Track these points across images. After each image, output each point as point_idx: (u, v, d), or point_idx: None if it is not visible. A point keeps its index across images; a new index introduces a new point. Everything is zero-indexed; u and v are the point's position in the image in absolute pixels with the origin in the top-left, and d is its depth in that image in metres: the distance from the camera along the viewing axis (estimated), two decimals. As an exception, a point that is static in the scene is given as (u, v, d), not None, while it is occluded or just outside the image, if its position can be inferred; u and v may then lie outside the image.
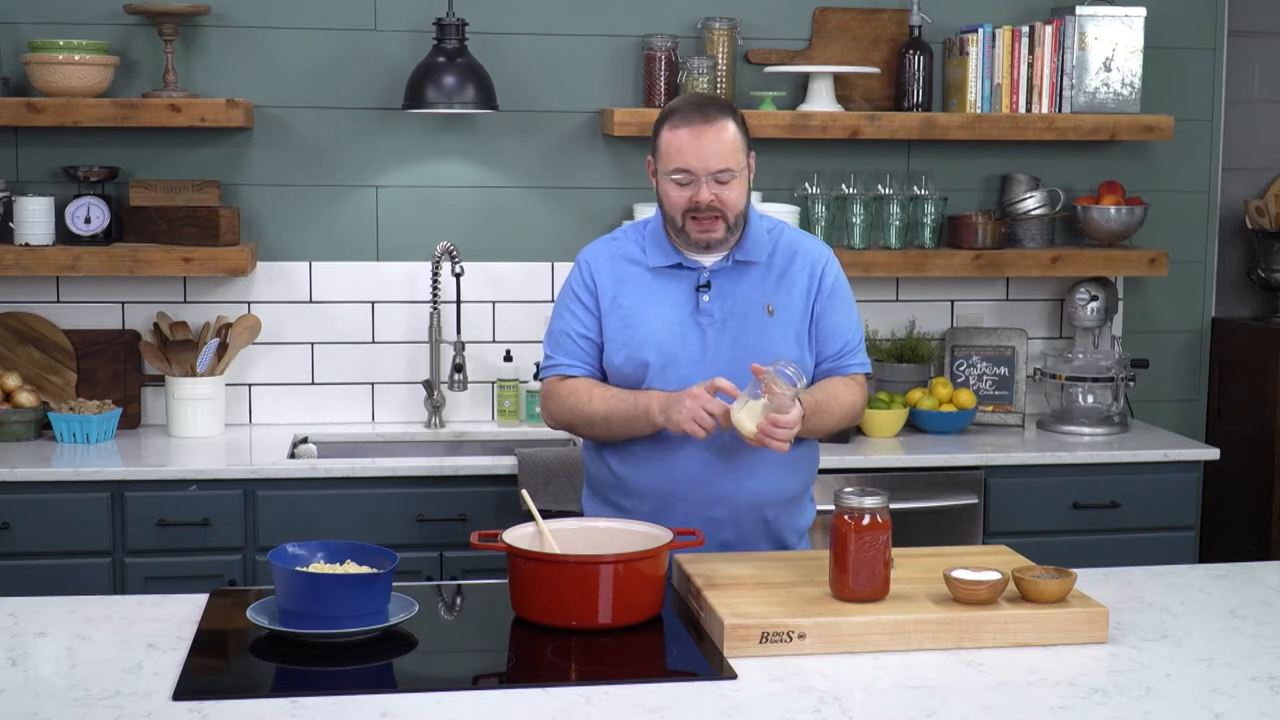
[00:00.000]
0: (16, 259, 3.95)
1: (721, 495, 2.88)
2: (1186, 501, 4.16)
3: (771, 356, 2.80)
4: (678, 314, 2.88)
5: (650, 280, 2.91)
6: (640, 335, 2.88)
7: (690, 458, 2.87)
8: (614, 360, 2.90)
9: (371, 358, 4.35)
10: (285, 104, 4.25)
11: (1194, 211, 4.71)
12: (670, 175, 2.81)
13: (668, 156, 2.81)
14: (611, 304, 2.91)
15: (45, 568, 3.70)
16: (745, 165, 2.85)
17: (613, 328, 2.91)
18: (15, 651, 2.38)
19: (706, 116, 2.79)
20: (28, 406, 4.00)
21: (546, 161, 4.37)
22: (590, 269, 2.95)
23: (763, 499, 2.91)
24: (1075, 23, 4.34)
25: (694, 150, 2.78)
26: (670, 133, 2.81)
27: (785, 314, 2.90)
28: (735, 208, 2.82)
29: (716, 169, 2.78)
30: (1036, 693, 2.22)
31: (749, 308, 2.89)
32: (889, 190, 4.35)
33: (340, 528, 3.71)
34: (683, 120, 2.79)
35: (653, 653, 2.44)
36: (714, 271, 2.89)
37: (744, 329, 2.87)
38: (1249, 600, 2.69)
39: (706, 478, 2.87)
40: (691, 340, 2.87)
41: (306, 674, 2.30)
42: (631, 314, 2.89)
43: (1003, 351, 4.48)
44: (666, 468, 2.88)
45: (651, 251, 2.91)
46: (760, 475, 2.89)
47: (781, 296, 2.90)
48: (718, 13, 4.34)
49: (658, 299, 2.89)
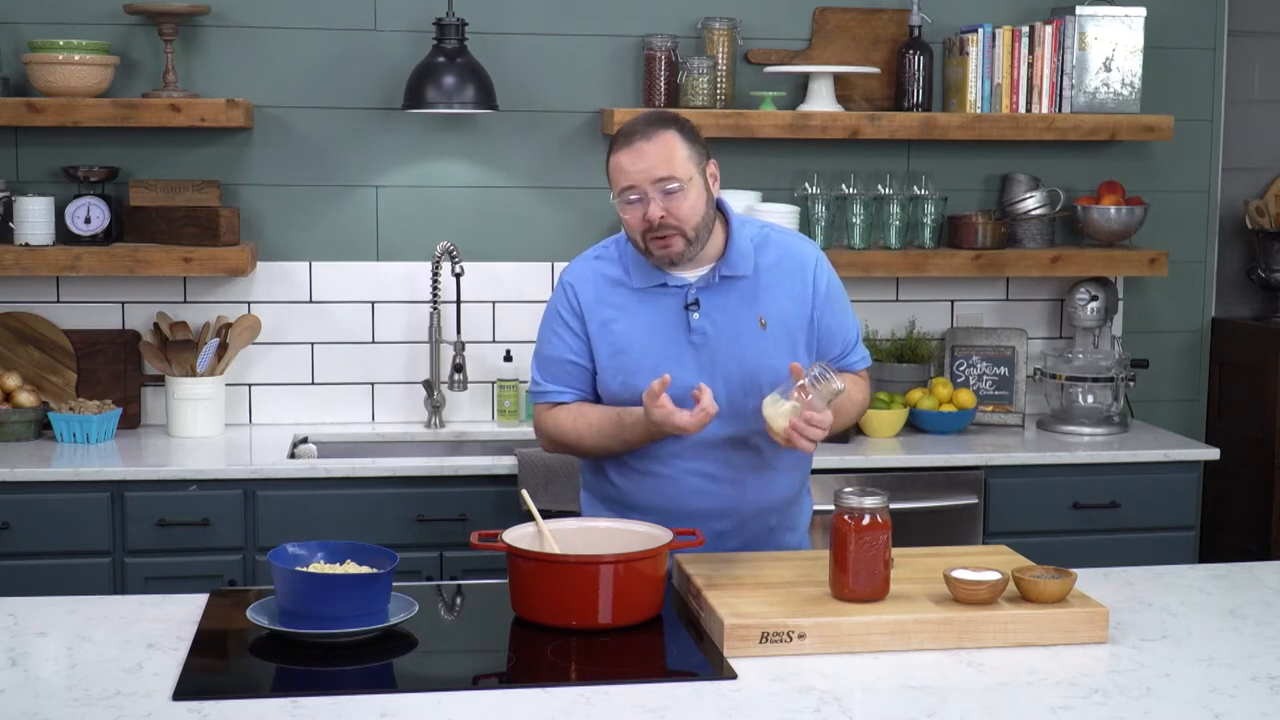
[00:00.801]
0: (16, 259, 3.96)
1: (726, 509, 2.87)
2: (1186, 501, 4.16)
3: (768, 370, 2.81)
4: (669, 335, 2.84)
5: (637, 303, 2.85)
6: (634, 361, 2.84)
7: (693, 474, 2.86)
8: (610, 386, 2.87)
9: (371, 358, 4.35)
10: (285, 104, 4.25)
11: (1194, 211, 4.71)
12: (622, 198, 2.76)
13: (615, 180, 2.76)
14: (601, 329, 2.86)
15: (45, 568, 3.70)
16: (696, 175, 2.76)
17: (604, 354, 2.87)
18: (15, 651, 2.38)
19: (644, 133, 2.74)
20: (28, 406, 4.00)
21: (546, 161, 4.37)
22: (574, 291, 2.89)
23: (767, 506, 2.91)
24: (1075, 23, 4.34)
25: (633, 165, 2.72)
26: (614, 157, 2.75)
27: (778, 324, 2.86)
28: (690, 220, 2.75)
29: (658, 177, 2.71)
30: (1036, 693, 2.22)
31: (740, 323, 2.85)
32: (889, 190, 4.35)
33: (340, 528, 3.71)
34: (623, 141, 2.75)
35: (653, 653, 2.44)
36: (701, 289, 2.84)
37: (738, 345, 2.84)
38: (1249, 600, 2.69)
39: (710, 493, 2.86)
40: (687, 362, 2.83)
41: (306, 674, 2.30)
42: (623, 339, 2.85)
43: (1003, 351, 4.48)
44: (670, 484, 2.87)
45: (635, 273, 2.85)
46: (762, 484, 2.89)
47: (773, 306, 2.87)
48: (718, 13, 4.34)
49: (647, 322, 2.85)
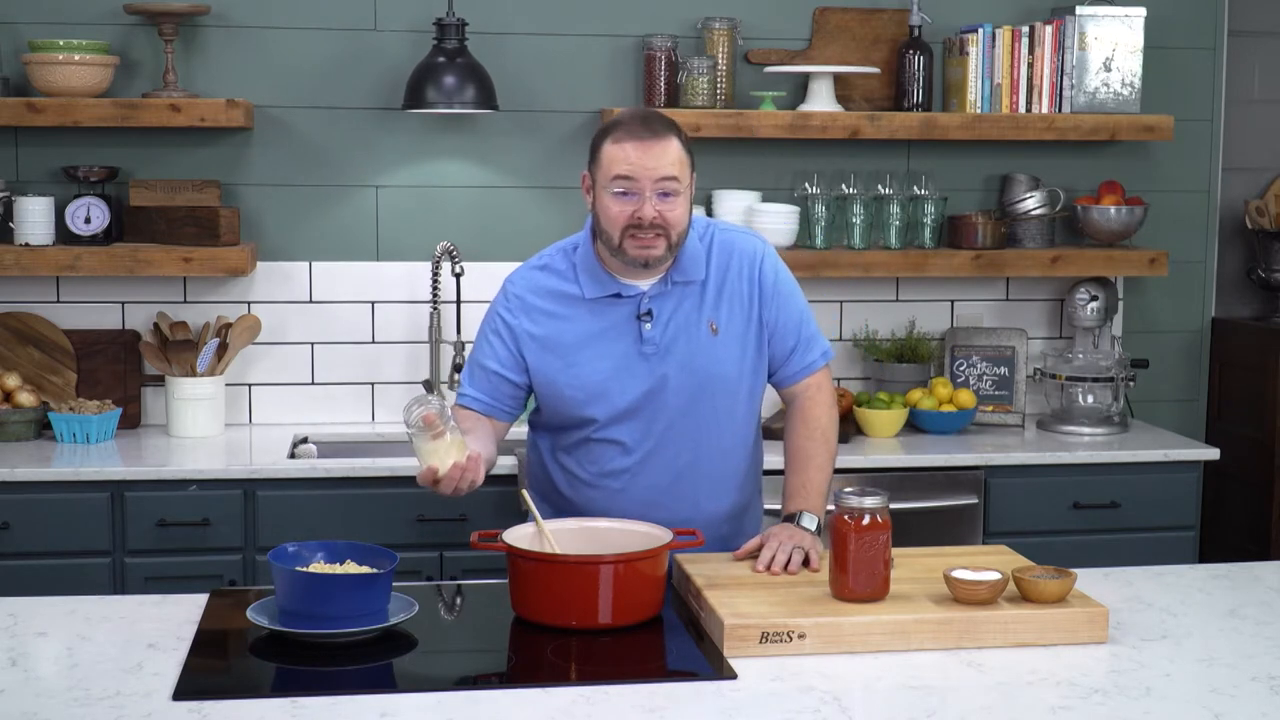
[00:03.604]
0: (16, 259, 3.95)
1: (677, 520, 2.77)
2: (1186, 501, 4.16)
3: (719, 378, 2.79)
4: (620, 347, 2.79)
5: (587, 315, 2.80)
6: (583, 375, 2.79)
7: (643, 487, 2.83)
8: (563, 394, 2.81)
9: (371, 358, 4.35)
10: (285, 104, 4.25)
11: (1194, 211, 4.71)
12: (611, 187, 2.70)
13: (609, 167, 2.70)
14: (545, 344, 2.81)
15: (45, 568, 3.70)
16: (689, 184, 2.75)
17: (552, 368, 2.81)
18: (15, 651, 2.38)
19: (652, 130, 2.70)
20: (28, 406, 4.00)
21: (546, 161, 4.37)
22: (519, 306, 2.84)
23: (718, 516, 2.89)
24: (1075, 23, 4.34)
25: (639, 158, 2.67)
26: (613, 145, 2.70)
27: (729, 329, 2.83)
28: (678, 226, 2.72)
29: (662, 175, 2.68)
30: (1036, 693, 2.22)
31: (692, 329, 2.81)
32: (889, 190, 4.35)
33: (340, 528, 3.70)
34: (627, 133, 2.69)
35: (653, 653, 2.44)
36: (653, 297, 2.79)
37: (690, 352, 2.80)
38: (1249, 600, 2.69)
39: (660, 504, 2.82)
40: (638, 373, 2.79)
41: (306, 674, 2.30)
42: (571, 352, 2.80)
43: (1003, 351, 4.48)
44: (621, 497, 2.83)
45: (586, 283, 2.80)
46: (714, 493, 2.87)
47: (724, 311, 2.83)
48: (718, 13, 4.34)
49: (598, 335, 2.80)
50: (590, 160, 2.78)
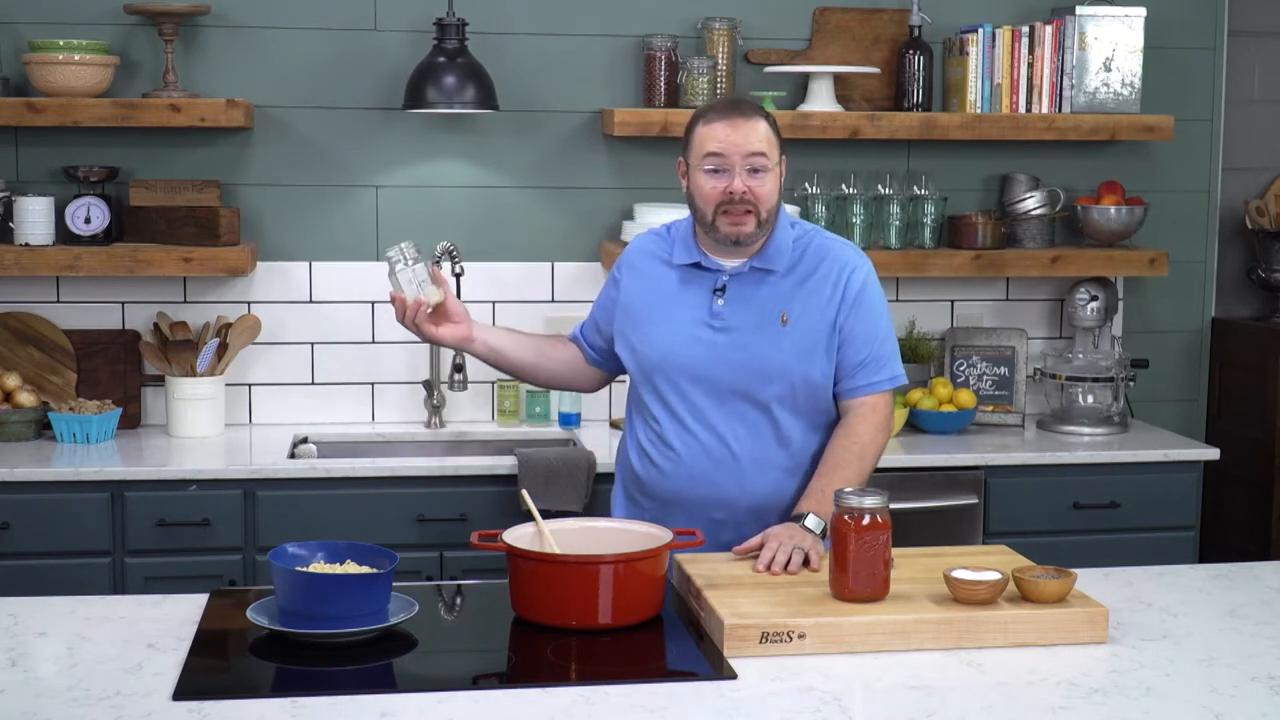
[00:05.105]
0: (16, 259, 3.95)
1: (723, 499, 2.90)
2: (1186, 501, 4.16)
3: (777, 365, 2.85)
4: (690, 316, 2.91)
5: (671, 280, 2.95)
6: (651, 334, 2.93)
7: (696, 459, 2.90)
8: (632, 347, 2.97)
9: (371, 358, 4.35)
10: (285, 104, 4.25)
11: (1194, 211, 4.71)
12: (703, 165, 2.83)
13: (701, 146, 2.83)
14: (631, 298, 2.98)
15: (45, 568, 3.70)
16: (778, 163, 2.86)
17: (627, 322, 2.98)
18: (15, 651, 2.38)
19: (741, 111, 2.84)
20: (28, 406, 4.00)
21: (546, 161, 4.37)
22: (626, 264, 3.04)
23: (765, 504, 2.91)
24: (1075, 23, 4.34)
25: (730, 135, 2.80)
26: (705, 126, 2.84)
27: (801, 323, 2.88)
28: (767, 202, 2.83)
29: (751, 151, 2.79)
30: (1036, 693, 2.22)
31: (764, 315, 2.88)
32: (889, 190, 4.35)
33: (340, 528, 3.70)
34: (718, 115, 2.84)
35: (653, 653, 2.44)
36: (733, 275, 2.90)
37: (755, 337, 2.87)
38: (1249, 600, 2.69)
39: (710, 479, 2.90)
40: (703, 341, 2.89)
41: (306, 674, 2.30)
42: (646, 310, 2.95)
43: (1003, 351, 4.48)
44: (671, 467, 2.92)
45: (677, 249, 2.95)
46: (763, 479, 2.90)
47: (799, 305, 2.89)
48: (718, 13, 4.34)
49: (673, 299, 2.93)
50: (684, 146, 2.91)
